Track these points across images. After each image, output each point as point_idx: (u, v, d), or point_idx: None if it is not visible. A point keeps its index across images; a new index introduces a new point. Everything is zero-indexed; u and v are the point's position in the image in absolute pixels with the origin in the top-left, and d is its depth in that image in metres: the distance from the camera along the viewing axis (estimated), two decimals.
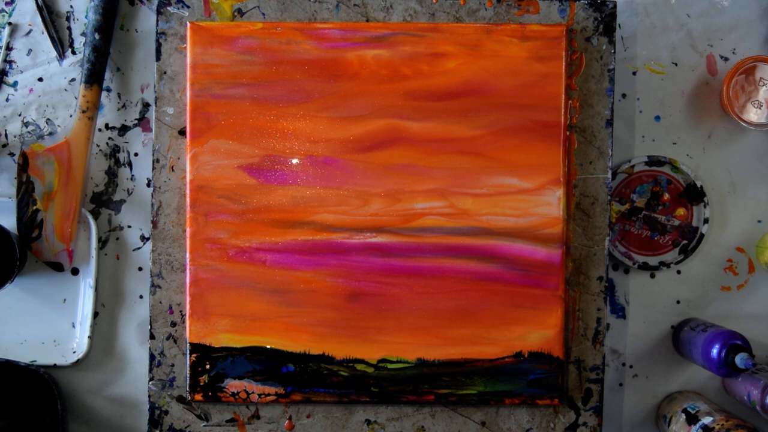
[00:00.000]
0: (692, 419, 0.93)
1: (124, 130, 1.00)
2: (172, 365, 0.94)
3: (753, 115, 0.96)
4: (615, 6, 0.93)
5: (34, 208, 0.96)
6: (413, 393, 0.93)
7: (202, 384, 0.93)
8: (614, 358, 1.00)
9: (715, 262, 1.00)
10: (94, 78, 0.96)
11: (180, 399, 0.94)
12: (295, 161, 0.92)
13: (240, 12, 0.93)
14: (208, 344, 0.92)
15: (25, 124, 1.00)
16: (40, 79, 1.00)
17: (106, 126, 1.00)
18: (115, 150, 1.00)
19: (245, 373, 0.93)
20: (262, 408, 0.94)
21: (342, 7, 0.93)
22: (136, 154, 1.00)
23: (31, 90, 1.00)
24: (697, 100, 1.00)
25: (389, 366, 0.92)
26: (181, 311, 0.94)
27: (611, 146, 0.93)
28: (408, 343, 0.92)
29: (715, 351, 0.90)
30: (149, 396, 0.94)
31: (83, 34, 0.99)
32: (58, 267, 0.98)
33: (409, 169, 0.92)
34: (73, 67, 1.00)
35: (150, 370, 0.94)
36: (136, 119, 1.00)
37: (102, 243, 1.00)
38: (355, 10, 0.93)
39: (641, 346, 1.00)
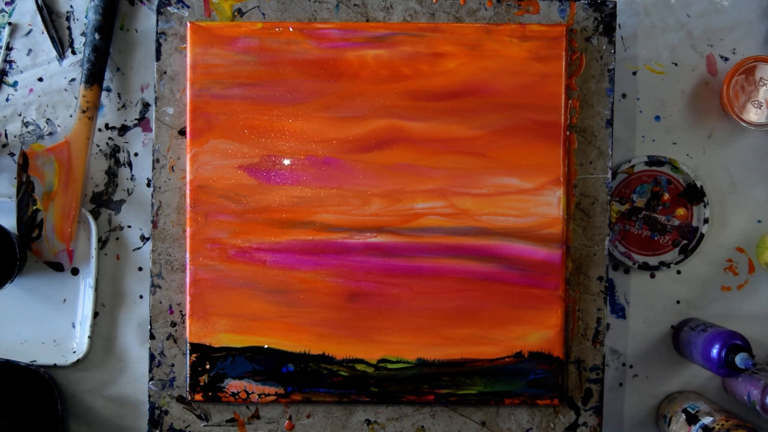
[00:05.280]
0: (692, 419, 0.92)
1: (124, 130, 1.00)
2: (172, 365, 0.94)
3: (753, 115, 0.96)
4: (615, 6, 0.93)
5: (34, 208, 0.96)
6: (413, 393, 0.93)
7: (202, 384, 0.93)
8: (614, 358, 1.00)
9: (715, 262, 1.00)
10: (94, 78, 0.96)
11: (180, 399, 0.94)
12: (295, 161, 0.92)
13: (240, 12, 0.93)
14: (208, 344, 0.92)
15: (25, 124, 1.00)
16: (40, 79, 1.00)
17: (106, 126, 1.00)
18: (115, 150, 1.00)
19: (245, 373, 0.93)
20: (262, 408, 0.94)
21: (342, 7, 0.93)
22: (136, 154, 1.00)
23: (31, 90, 1.00)
24: (697, 100, 1.00)
25: (389, 366, 0.92)
26: (181, 311, 0.94)
27: (611, 146, 0.93)
28: (408, 343, 0.92)
29: (715, 351, 0.90)
30: (149, 396, 0.94)
31: (83, 34, 0.99)
32: (58, 267, 0.98)
33: (409, 169, 0.92)
34: (73, 67, 1.00)
35: (150, 370, 0.94)
36: (136, 119, 1.00)
37: (102, 243, 1.00)
38: (355, 10, 0.93)
39: (641, 346, 1.00)
